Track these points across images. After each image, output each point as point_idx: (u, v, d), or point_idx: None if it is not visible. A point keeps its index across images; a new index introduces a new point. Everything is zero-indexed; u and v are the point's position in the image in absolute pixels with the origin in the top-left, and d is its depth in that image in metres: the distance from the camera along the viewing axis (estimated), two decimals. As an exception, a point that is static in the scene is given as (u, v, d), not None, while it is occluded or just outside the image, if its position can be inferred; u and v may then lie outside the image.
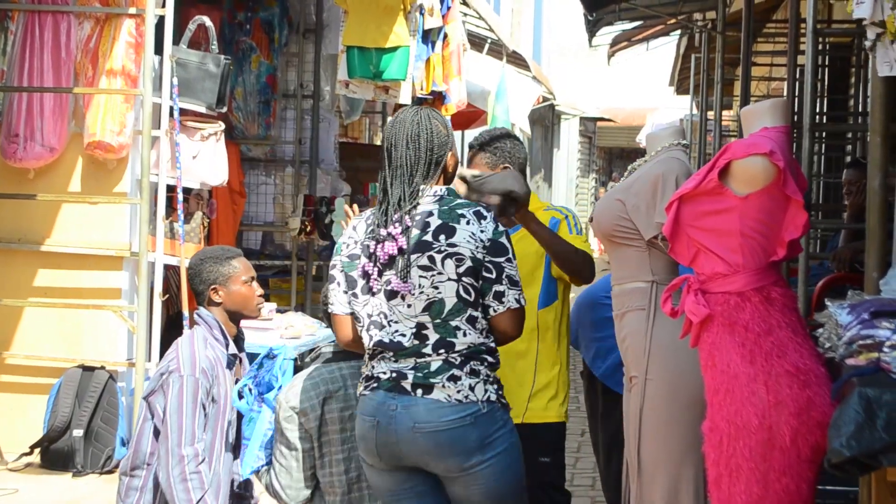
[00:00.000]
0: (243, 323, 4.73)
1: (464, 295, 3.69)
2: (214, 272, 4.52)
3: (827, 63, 11.08)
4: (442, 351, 3.69)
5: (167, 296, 7.61)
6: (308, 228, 9.73)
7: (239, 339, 4.68)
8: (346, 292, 3.82)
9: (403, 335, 3.72)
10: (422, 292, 3.69)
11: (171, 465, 4.22)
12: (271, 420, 4.20)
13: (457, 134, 16.91)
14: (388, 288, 3.73)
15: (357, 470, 4.04)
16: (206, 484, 4.27)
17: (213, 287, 4.51)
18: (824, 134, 10.68)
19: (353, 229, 3.86)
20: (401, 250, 3.71)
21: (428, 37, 9.03)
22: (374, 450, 3.74)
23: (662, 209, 3.78)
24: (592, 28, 12.85)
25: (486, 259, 3.70)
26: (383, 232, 3.75)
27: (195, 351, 4.39)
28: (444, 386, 3.66)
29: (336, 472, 4.04)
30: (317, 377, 4.11)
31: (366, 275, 3.76)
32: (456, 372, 3.67)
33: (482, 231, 3.71)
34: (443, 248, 3.68)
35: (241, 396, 4.29)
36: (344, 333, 3.87)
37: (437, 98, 10.72)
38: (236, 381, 4.54)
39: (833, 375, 3.42)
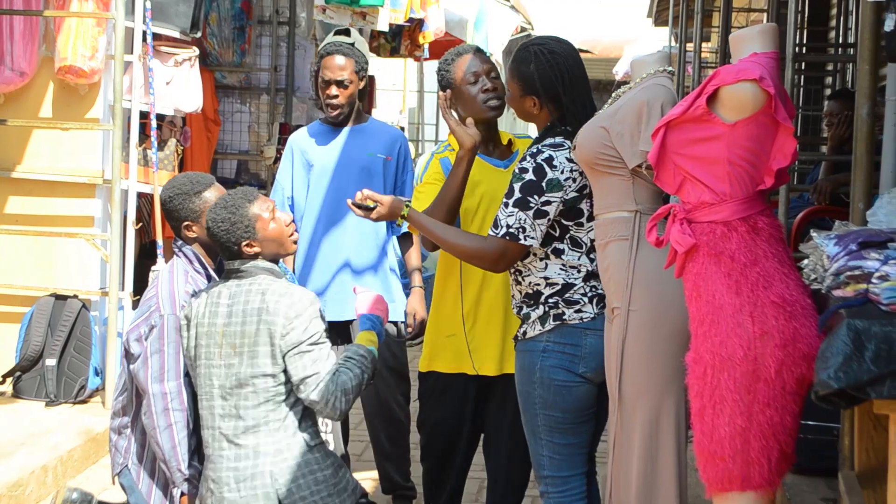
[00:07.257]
0: None
1: None
2: (185, 209, 4.33)
3: (808, -6, 10.99)
4: None
5: (140, 224, 7.52)
6: (283, 157, 9.62)
7: (221, 271, 4.55)
8: (547, 227, 4.04)
9: None
10: None
11: (155, 403, 4.14)
12: None
13: (434, 63, 16.74)
14: None
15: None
16: (184, 407, 4.18)
17: (185, 224, 4.36)
18: (804, 65, 10.61)
19: (569, 161, 4.03)
20: None
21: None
22: (600, 366, 4.03)
23: (647, 137, 3.69)
24: (572, -44, 12.69)
25: None
26: None
27: (174, 288, 4.27)
28: None
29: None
30: None
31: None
32: None
33: None
34: None
35: None
36: (514, 261, 4.13)
37: (416, 25, 10.60)
38: None
39: (818, 307, 3.39)
